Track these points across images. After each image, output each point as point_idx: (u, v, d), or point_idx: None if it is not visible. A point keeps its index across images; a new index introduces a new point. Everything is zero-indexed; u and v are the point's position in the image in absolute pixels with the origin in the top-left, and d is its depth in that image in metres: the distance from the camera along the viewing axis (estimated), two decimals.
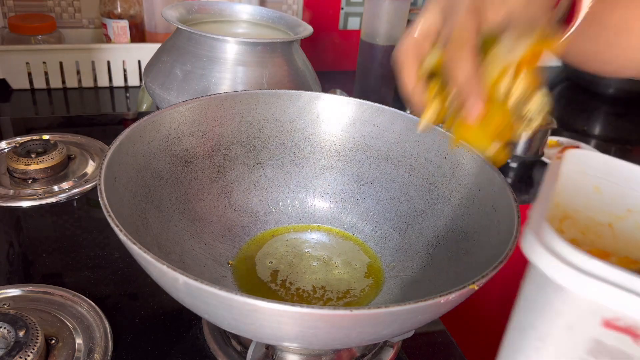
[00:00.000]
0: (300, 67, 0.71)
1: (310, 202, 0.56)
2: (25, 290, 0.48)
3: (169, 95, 0.66)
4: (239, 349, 0.45)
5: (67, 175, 0.67)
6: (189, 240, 0.48)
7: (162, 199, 0.46)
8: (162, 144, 0.47)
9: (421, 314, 0.32)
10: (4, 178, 0.65)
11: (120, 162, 0.41)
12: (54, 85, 0.92)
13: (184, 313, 0.48)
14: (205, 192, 0.51)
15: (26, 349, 0.39)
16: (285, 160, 0.56)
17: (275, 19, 0.77)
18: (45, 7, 0.98)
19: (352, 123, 0.55)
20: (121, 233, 0.32)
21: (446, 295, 0.30)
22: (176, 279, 0.30)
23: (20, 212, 0.61)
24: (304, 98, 0.55)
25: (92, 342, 0.44)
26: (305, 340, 0.32)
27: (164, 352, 0.45)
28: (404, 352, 0.48)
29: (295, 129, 0.55)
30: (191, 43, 0.66)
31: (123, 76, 0.95)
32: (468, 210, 0.46)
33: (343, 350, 0.44)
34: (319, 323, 0.29)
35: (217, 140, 0.52)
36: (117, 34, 0.94)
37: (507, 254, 0.35)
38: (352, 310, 0.28)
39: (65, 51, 0.90)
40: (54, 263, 0.54)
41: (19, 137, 0.72)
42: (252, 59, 0.66)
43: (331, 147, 0.56)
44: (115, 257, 0.55)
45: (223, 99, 0.52)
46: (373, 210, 0.54)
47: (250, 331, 0.33)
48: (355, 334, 0.31)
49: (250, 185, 0.55)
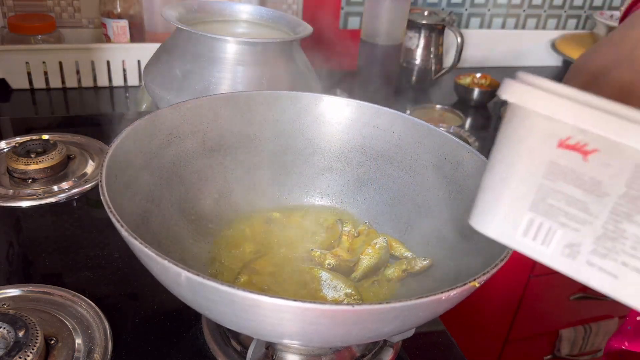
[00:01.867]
0: (300, 67, 0.71)
1: (311, 203, 0.56)
2: (25, 290, 0.48)
3: (169, 95, 0.66)
4: (239, 349, 0.45)
5: (66, 175, 0.66)
6: (189, 240, 0.47)
7: (162, 198, 0.46)
8: (162, 143, 0.47)
9: (422, 311, 0.32)
10: (4, 178, 0.65)
11: (121, 160, 0.41)
12: (54, 85, 0.92)
13: (184, 313, 0.48)
14: (205, 191, 0.51)
15: (26, 349, 0.39)
16: (285, 161, 0.56)
17: (275, 18, 0.77)
18: (45, 7, 0.98)
19: (352, 124, 0.55)
20: (123, 229, 0.32)
21: (447, 292, 0.30)
22: (178, 274, 0.30)
23: (19, 212, 0.60)
24: (305, 99, 0.55)
25: (92, 342, 0.44)
26: (306, 337, 0.32)
27: (164, 352, 0.45)
28: (404, 352, 0.48)
29: (295, 130, 0.55)
30: (191, 43, 0.66)
31: (123, 76, 0.95)
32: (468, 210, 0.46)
33: (343, 350, 0.44)
34: (321, 318, 0.29)
35: (217, 141, 0.52)
36: (117, 33, 0.94)
37: (507, 253, 0.35)
38: (353, 306, 0.28)
39: (64, 51, 0.90)
40: (53, 263, 0.53)
41: (18, 137, 0.72)
42: (252, 58, 0.66)
43: (331, 148, 0.56)
44: (115, 257, 0.55)
45: (223, 99, 0.52)
46: (373, 211, 0.54)
47: (251, 327, 0.33)
48: (356, 331, 0.31)
49: (250, 186, 0.54)
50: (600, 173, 0.23)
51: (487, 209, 0.27)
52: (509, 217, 0.26)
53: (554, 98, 0.24)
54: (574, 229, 0.25)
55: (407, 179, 0.52)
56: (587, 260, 0.25)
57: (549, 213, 0.25)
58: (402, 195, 0.52)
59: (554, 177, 0.25)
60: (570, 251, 0.25)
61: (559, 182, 0.24)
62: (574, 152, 0.24)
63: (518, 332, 1.10)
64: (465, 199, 0.47)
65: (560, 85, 0.24)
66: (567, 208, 0.25)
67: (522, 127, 0.25)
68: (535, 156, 0.25)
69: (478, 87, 1.10)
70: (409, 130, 0.52)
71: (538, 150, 0.25)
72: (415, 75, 1.13)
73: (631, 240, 0.23)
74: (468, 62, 1.30)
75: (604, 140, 0.23)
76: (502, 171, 0.26)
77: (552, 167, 0.24)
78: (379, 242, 0.49)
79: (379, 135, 0.54)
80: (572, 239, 0.25)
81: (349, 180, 0.56)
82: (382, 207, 0.54)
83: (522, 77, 0.25)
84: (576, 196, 0.24)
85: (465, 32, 1.26)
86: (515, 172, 0.26)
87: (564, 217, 0.25)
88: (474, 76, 1.14)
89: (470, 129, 1.02)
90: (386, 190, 0.54)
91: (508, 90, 0.25)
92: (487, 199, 0.27)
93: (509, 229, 0.26)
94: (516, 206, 0.26)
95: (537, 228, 0.26)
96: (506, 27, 1.35)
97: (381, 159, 0.54)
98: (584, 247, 0.24)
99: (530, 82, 0.24)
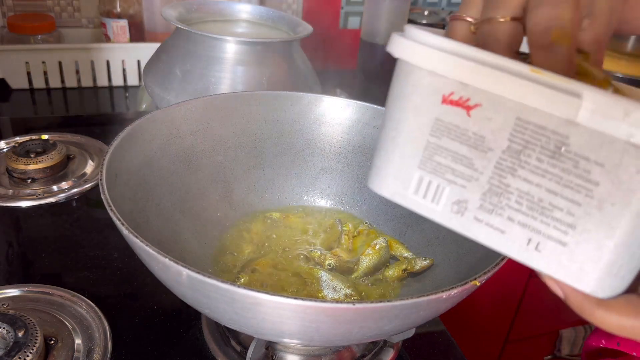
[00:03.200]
0: (300, 67, 0.71)
1: (311, 204, 0.56)
2: (25, 290, 0.48)
3: (169, 95, 0.66)
4: (239, 349, 0.45)
5: (66, 175, 0.66)
6: (189, 239, 0.47)
7: (162, 198, 0.46)
8: (162, 143, 0.47)
9: (423, 310, 0.32)
10: (3, 178, 0.65)
11: (121, 159, 0.41)
12: (53, 85, 0.92)
13: (184, 313, 0.48)
14: (205, 191, 0.51)
15: (25, 349, 0.39)
16: (285, 162, 0.56)
17: (275, 18, 0.77)
18: (45, 6, 0.98)
19: (352, 125, 0.55)
20: (123, 227, 0.32)
21: (448, 291, 0.30)
22: (179, 272, 0.30)
23: (19, 212, 0.60)
24: (305, 100, 0.55)
25: (92, 343, 0.44)
26: (306, 335, 0.32)
27: (164, 352, 0.45)
28: (404, 352, 0.47)
29: (295, 131, 0.55)
30: (191, 42, 0.66)
31: (122, 76, 0.95)
32: None
33: (343, 350, 0.44)
34: (321, 317, 0.29)
35: (217, 141, 0.52)
36: (117, 33, 0.94)
37: None
38: (354, 304, 0.28)
39: (64, 51, 0.90)
40: (53, 263, 0.53)
41: (18, 137, 0.72)
42: (251, 58, 0.66)
43: (331, 148, 0.56)
44: (114, 257, 0.54)
45: (224, 99, 0.52)
46: (373, 211, 0.54)
47: (251, 326, 0.33)
48: (357, 329, 0.31)
49: (250, 186, 0.54)
50: (483, 128, 0.23)
51: (380, 169, 0.27)
52: (400, 176, 0.26)
53: (436, 52, 0.23)
54: (461, 185, 0.25)
55: None
56: (475, 217, 0.24)
57: (436, 170, 0.25)
58: None
59: (439, 134, 0.24)
60: (458, 208, 0.25)
61: (445, 138, 0.24)
62: (457, 108, 0.24)
63: (518, 332, 1.10)
64: None
65: (445, 39, 0.23)
66: (454, 165, 0.24)
67: (408, 83, 0.25)
68: (421, 113, 0.25)
69: None
70: None
71: (423, 107, 0.25)
72: None
73: (515, 194, 0.23)
74: None
75: (485, 93, 0.23)
76: (391, 129, 0.26)
77: (438, 124, 0.24)
78: (379, 242, 0.49)
79: None
80: (460, 196, 0.25)
81: (349, 180, 0.56)
82: (382, 207, 0.54)
83: (409, 31, 0.25)
84: (461, 152, 0.24)
85: None
86: (403, 130, 0.25)
87: (451, 174, 0.25)
88: None
89: None
90: None
91: (393, 45, 0.25)
92: (379, 159, 0.27)
93: (400, 187, 0.26)
94: (405, 164, 0.26)
95: (426, 186, 0.26)
96: None
97: None
98: (471, 204, 0.24)
99: (415, 37, 0.24)
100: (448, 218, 0.25)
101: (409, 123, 0.25)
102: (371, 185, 0.28)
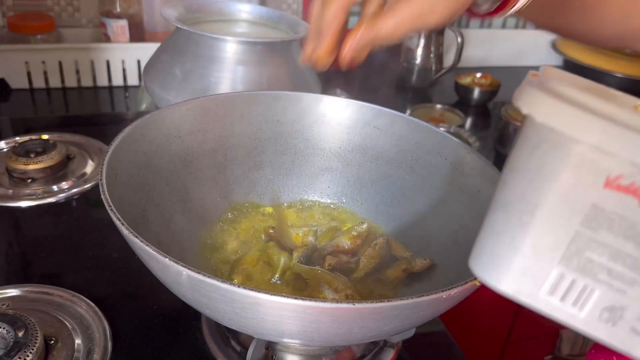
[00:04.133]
0: (300, 67, 0.71)
1: (311, 204, 0.56)
2: (24, 290, 0.48)
3: (169, 95, 0.66)
4: (239, 349, 0.44)
5: (66, 175, 0.66)
6: (189, 239, 0.47)
7: (162, 198, 0.46)
8: (162, 143, 0.47)
9: (424, 309, 0.32)
10: (3, 178, 0.65)
11: (121, 158, 0.41)
12: (53, 84, 0.92)
13: (184, 313, 0.48)
14: (205, 192, 0.51)
15: (25, 349, 0.39)
16: (285, 162, 0.56)
17: (275, 18, 0.77)
18: (44, 6, 0.98)
19: (352, 125, 0.55)
20: (124, 227, 0.32)
21: (449, 290, 0.30)
22: (179, 272, 0.30)
23: (19, 212, 0.60)
24: (305, 100, 0.55)
25: (91, 343, 0.44)
26: (306, 335, 0.32)
27: (163, 352, 0.45)
28: (404, 352, 0.47)
29: (295, 131, 0.55)
30: (191, 42, 0.66)
31: (122, 76, 0.95)
32: (468, 211, 0.46)
33: (343, 350, 0.44)
34: (322, 317, 0.29)
35: (217, 141, 0.52)
36: (116, 33, 0.94)
37: None
38: (354, 304, 0.28)
39: (64, 51, 0.90)
40: (53, 263, 0.53)
41: (18, 137, 0.72)
42: (251, 58, 0.66)
43: (331, 148, 0.56)
44: (114, 257, 0.54)
45: (224, 99, 0.52)
46: (373, 212, 0.54)
47: (251, 326, 0.33)
48: (357, 329, 0.31)
49: (250, 186, 0.54)
50: None
51: (500, 259, 0.22)
52: (530, 272, 0.21)
53: (604, 123, 0.18)
54: (618, 289, 0.20)
55: (407, 179, 0.52)
56: (632, 327, 0.21)
57: (585, 269, 0.20)
58: (402, 196, 0.52)
59: (596, 224, 0.20)
60: (610, 315, 0.21)
61: (603, 231, 0.20)
62: (626, 195, 0.19)
63: (519, 332, 1.10)
64: (466, 199, 0.47)
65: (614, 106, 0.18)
66: (611, 264, 0.20)
67: (555, 157, 0.20)
68: (572, 197, 0.20)
69: (478, 87, 1.10)
70: (409, 131, 0.52)
71: (577, 189, 0.20)
72: (416, 75, 1.13)
73: None
74: (468, 61, 1.30)
75: None
76: (521, 212, 0.21)
77: (595, 212, 0.20)
78: (379, 242, 0.49)
79: (379, 135, 0.54)
80: (615, 302, 0.20)
81: (349, 180, 0.56)
82: (382, 207, 0.54)
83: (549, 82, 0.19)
84: (625, 250, 0.20)
85: (465, 31, 1.26)
86: (541, 215, 0.20)
87: (606, 274, 0.20)
88: (474, 76, 1.14)
89: (471, 129, 1.02)
90: (386, 191, 0.54)
91: (528, 101, 0.20)
92: (499, 245, 0.22)
93: (529, 286, 0.21)
94: (540, 258, 0.21)
95: (567, 286, 0.21)
96: (506, 27, 1.35)
97: (381, 159, 0.54)
98: (629, 312, 0.20)
99: (566, 95, 0.19)
100: (594, 327, 0.21)
101: (552, 208, 0.20)
102: (482, 273, 0.23)
